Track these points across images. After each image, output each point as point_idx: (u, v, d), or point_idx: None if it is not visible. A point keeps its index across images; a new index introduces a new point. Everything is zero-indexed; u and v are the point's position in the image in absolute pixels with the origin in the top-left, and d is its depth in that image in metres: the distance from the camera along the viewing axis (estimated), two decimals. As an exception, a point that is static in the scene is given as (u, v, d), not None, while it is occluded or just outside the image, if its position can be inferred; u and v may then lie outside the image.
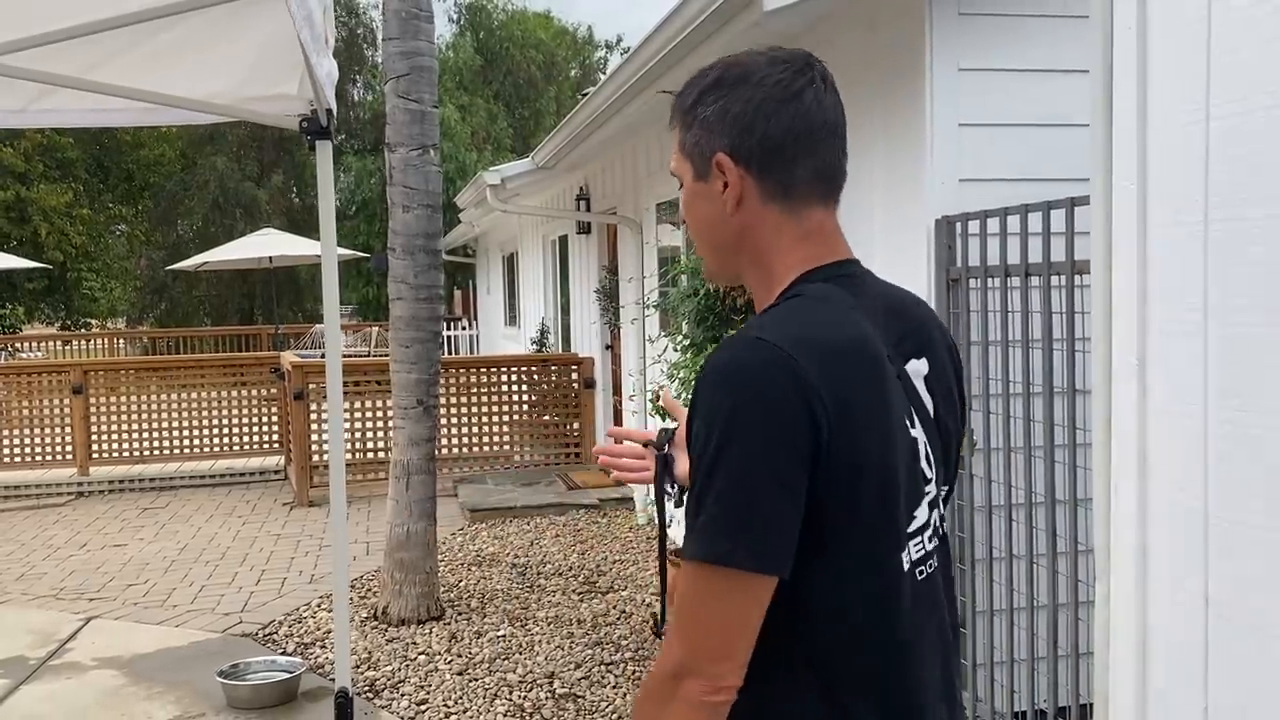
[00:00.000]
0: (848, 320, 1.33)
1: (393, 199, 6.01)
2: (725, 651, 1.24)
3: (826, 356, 1.26)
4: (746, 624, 1.24)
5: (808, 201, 1.38)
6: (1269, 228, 2.00)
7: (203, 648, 5.73)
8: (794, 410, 1.22)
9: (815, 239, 1.39)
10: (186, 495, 10.25)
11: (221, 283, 26.98)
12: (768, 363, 1.23)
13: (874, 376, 1.30)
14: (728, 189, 1.37)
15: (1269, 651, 2.02)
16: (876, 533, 1.30)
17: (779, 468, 1.21)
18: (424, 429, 6.09)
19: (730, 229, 1.40)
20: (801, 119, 1.35)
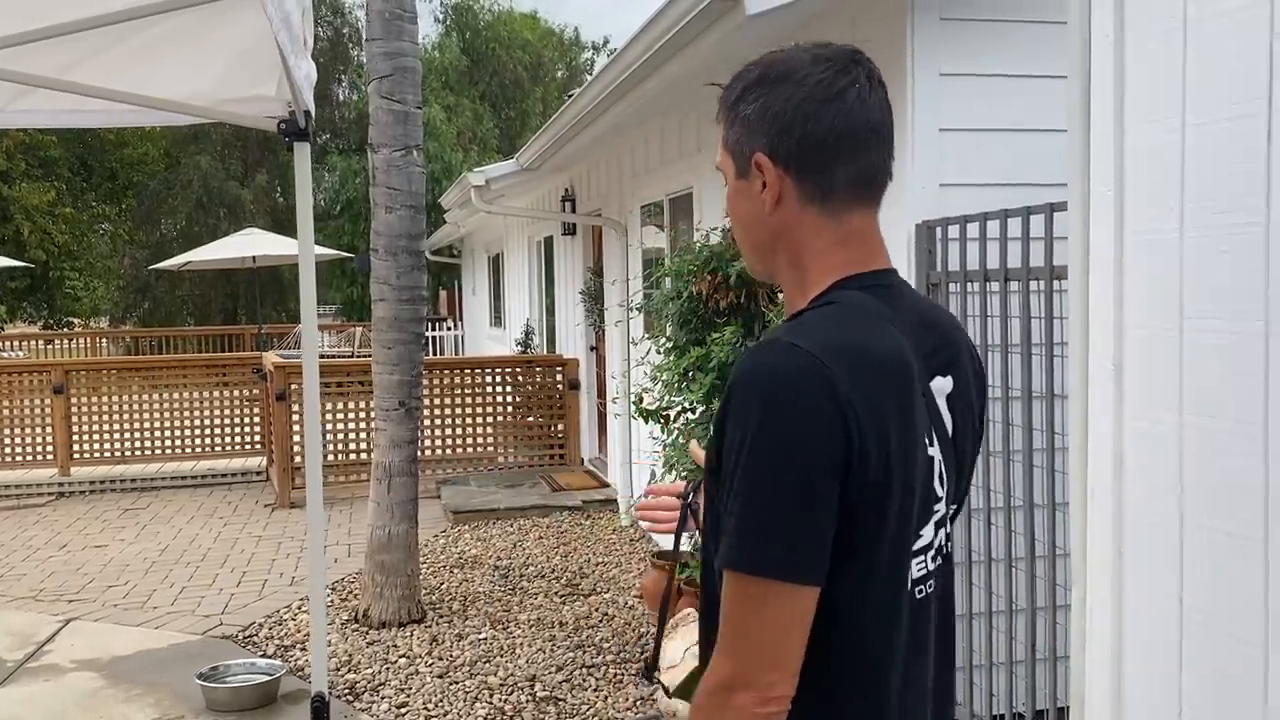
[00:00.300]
0: (882, 331, 1.31)
1: (375, 200, 5.99)
2: (774, 661, 1.22)
3: (859, 366, 1.24)
4: (792, 632, 1.23)
5: (847, 204, 1.36)
6: (1244, 235, 2.01)
7: (182, 650, 5.70)
8: (827, 418, 1.20)
9: (854, 244, 1.37)
10: (168, 496, 10.20)
11: (205, 282, 26.87)
12: (801, 370, 1.22)
13: (903, 390, 1.29)
14: (766, 189, 1.36)
15: (1242, 656, 2.03)
16: (896, 547, 1.29)
17: (812, 476, 1.20)
18: (406, 431, 6.07)
19: (768, 228, 1.38)
20: (843, 119, 1.32)
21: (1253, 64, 1.98)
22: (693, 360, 5.16)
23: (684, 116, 6.84)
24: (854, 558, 1.25)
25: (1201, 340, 2.12)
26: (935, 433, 1.35)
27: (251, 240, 16.97)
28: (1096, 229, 2.41)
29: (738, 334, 4.99)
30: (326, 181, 25.50)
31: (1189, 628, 2.17)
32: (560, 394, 10.36)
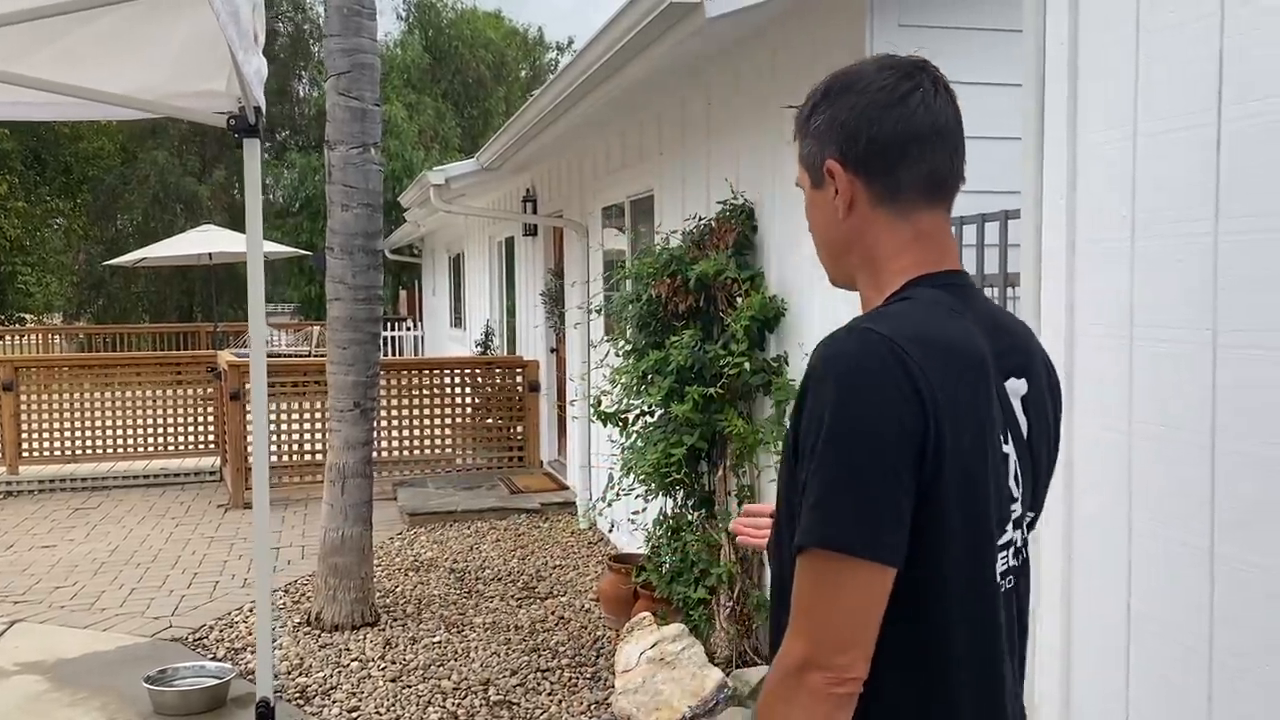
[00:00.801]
0: (956, 324, 1.34)
1: (331, 197, 5.92)
2: (849, 641, 1.23)
3: (935, 353, 1.26)
4: (868, 612, 1.23)
5: (916, 205, 1.39)
6: (1194, 245, 2.02)
7: (130, 652, 5.60)
8: (906, 401, 1.22)
9: (926, 243, 1.40)
10: (119, 496, 10.04)
11: (160, 279, 26.51)
12: (880, 355, 1.24)
13: (978, 381, 1.31)
14: (838, 195, 1.41)
15: (1189, 664, 2.04)
16: (975, 534, 1.30)
17: (891, 457, 1.22)
18: (361, 432, 6.01)
19: (842, 233, 1.43)
20: (906, 123, 1.36)
21: (1203, 74, 1.99)
22: (651, 363, 5.15)
23: (645, 119, 6.82)
24: (930, 540, 1.25)
25: (1151, 349, 2.13)
26: (1010, 432, 1.37)
27: (208, 237, 16.76)
28: (1049, 236, 2.42)
29: (696, 337, 4.99)
30: (285, 178, 25.26)
31: (1137, 635, 2.18)
32: (520, 396, 10.31)
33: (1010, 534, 1.37)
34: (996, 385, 1.35)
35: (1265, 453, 1.85)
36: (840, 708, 1.24)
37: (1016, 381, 1.40)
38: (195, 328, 22.39)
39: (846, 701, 1.24)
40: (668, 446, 5.02)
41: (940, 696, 1.31)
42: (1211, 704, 1.97)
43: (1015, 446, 1.37)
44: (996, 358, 1.37)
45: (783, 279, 4.88)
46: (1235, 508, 1.92)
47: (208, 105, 3.02)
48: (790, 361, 4.81)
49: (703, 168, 5.83)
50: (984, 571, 1.32)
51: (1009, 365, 1.39)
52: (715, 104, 5.66)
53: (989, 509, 1.31)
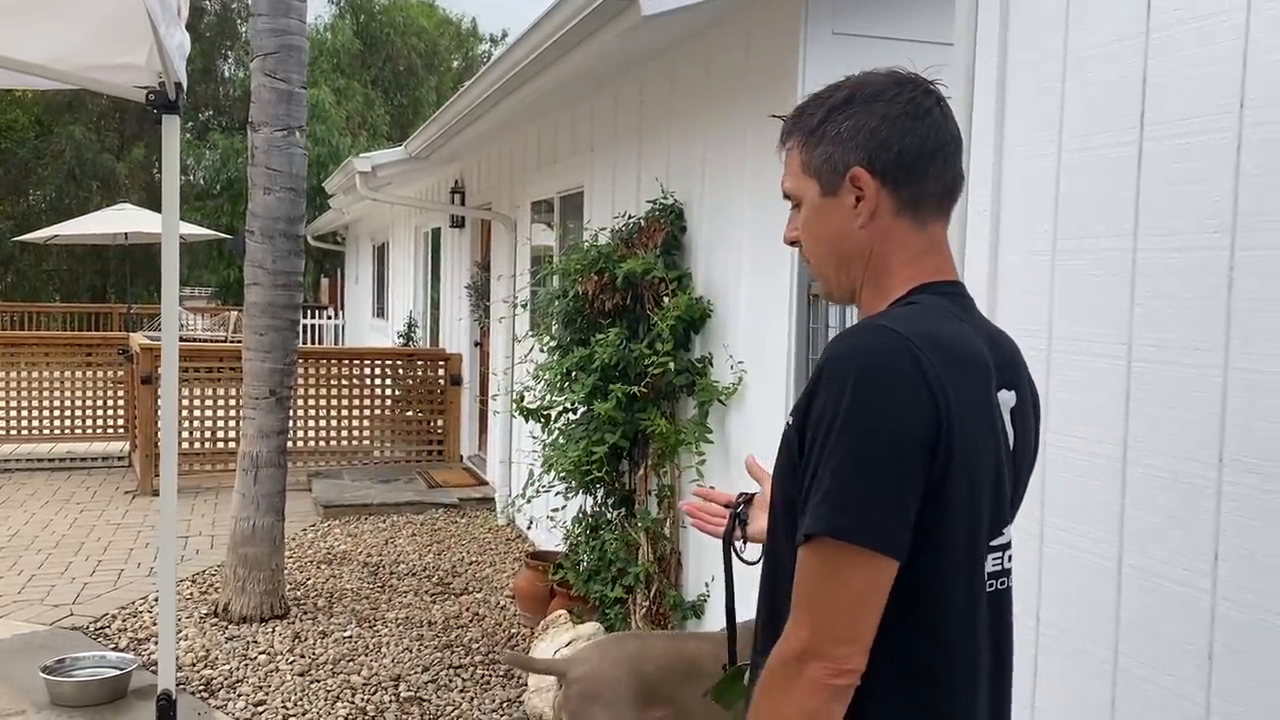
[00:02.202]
0: (962, 329, 1.36)
1: (254, 180, 5.80)
2: (850, 632, 1.24)
3: (946, 355, 1.29)
4: (869, 604, 1.24)
5: (933, 215, 1.43)
6: (1112, 261, 2.06)
7: (28, 640, 5.42)
8: (920, 399, 1.24)
9: (934, 254, 1.43)
10: (22, 479, 9.71)
11: (73, 258, 25.76)
12: (895, 350, 1.26)
13: (982, 384, 1.34)
14: (861, 203, 1.40)
15: (1087, 670, 2.08)
16: (972, 534, 1.32)
17: (902, 449, 1.24)
18: (276, 420, 5.89)
19: (857, 242, 1.42)
20: (934, 134, 1.40)
21: (1126, 94, 2.03)
22: (576, 360, 5.13)
23: (577, 114, 6.79)
24: (934, 538, 1.27)
25: (1067, 360, 2.17)
26: (1001, 441, 1.39)
27: (124, 216, 16.30)
28: (972, 247, 2.45)
29: (622, 335, 4.97)
30: (207, 159, 24.74)
31: (1044, 642, 2.22)
32: (442, 389, 10.21)
33: (1006, 537, 1.40)
34: (995, 395, 1.38)
35: (1177, 467, 1.90)
36: (836, 699, 1.25)
37: (1007, 394, 1.42)
38: (108, 308, 21.80)
39: (843, 693, 1.25)
40: (589, 444, 5.00)
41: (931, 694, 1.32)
42: (1115, 708, 2.02)
43: (1005, 455, 1.40)
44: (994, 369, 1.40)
45: (710, 280, 4.89)
46: (1146, 519, 1.96)
47: (127, 79, 2.92)
48: (715, 363, 4.82)
49: (634, 166, 5.82)
50: (977, 573, 1.34)
51: (1001, 377, 1.42)
52: (649, 103, 5.65)
53: (985, 509, 1.34)
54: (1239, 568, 1.79)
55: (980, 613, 1.35)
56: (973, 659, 1.35)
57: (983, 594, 1.35)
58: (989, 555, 1.36)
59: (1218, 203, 1.84)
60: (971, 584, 1.33)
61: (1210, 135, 1.86)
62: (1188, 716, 1.88)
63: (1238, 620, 1.80)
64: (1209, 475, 1.84)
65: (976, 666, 1.36)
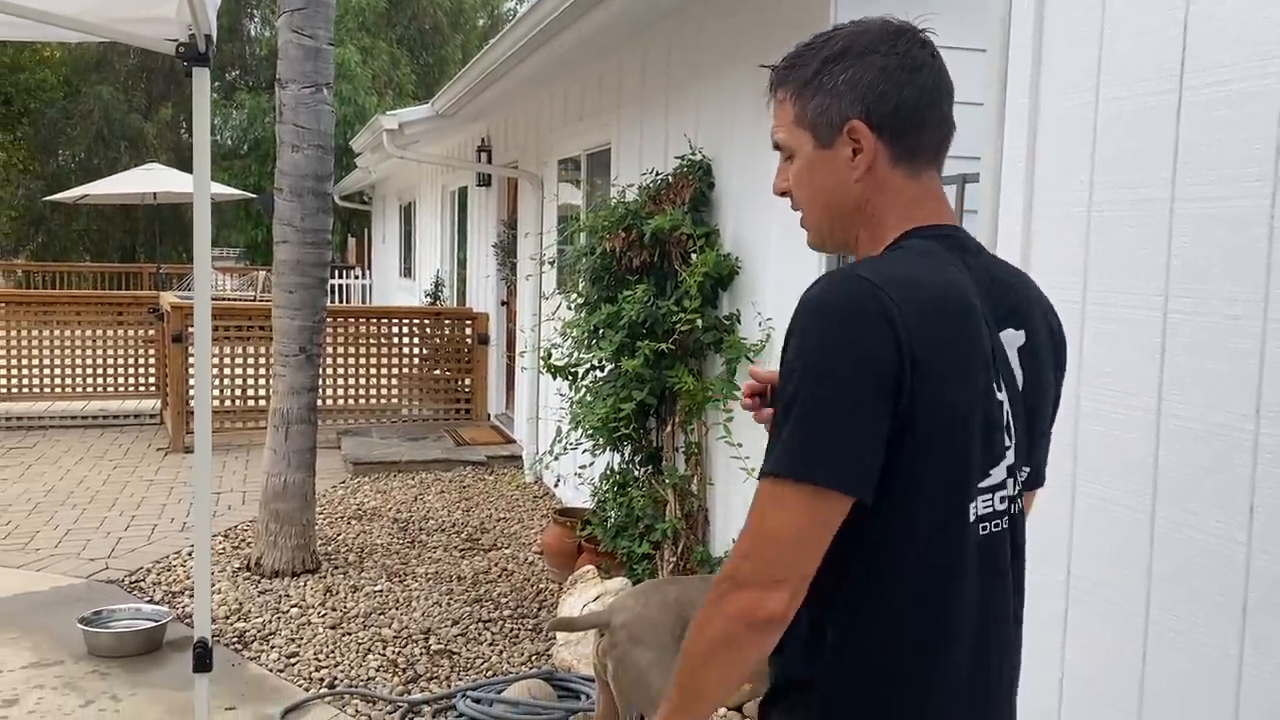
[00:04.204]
0: (944, 270, 1.35)
1: (282, 138, 5.80)
2: (782, 570, 1.26)
3: (917, 296, 1.29)
4: (811, 545, 1.26)
5: (926, 165, 1.43)
6: (1149, 211, 2.03)
7: (65, 593, 5.51)
8: (881, 340, 1.25)
9: (928, 202, 1.43)
10: (56, 436, 9.84)
11: (103, 217, 25.89)
12: (860, 294, 1.28)
13: (963, 325, 1.32)
14: (858, 155, 1.40)
15: (1119, 624, 2.07)
16: (952, 475, 1.31)
17: (861, 393, 1.25)
18: (306, 377, 5.93)
19: (852, 194, 1.42)
20: (930, 86, 1.40)
21: (1166, 42, 1.99)
22: (603, 317, 5.12)
23: (605, 71, 6.75)
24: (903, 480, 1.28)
25: (1103, 313, 2.15)
26: (1004, 382, 1.38)
27: (153, 175, 16.37)
28: (1007, 199, 2.42)
29: (649, 292, 4.96)
30: (234, 119, 24.73)
31: (1074, 595, 2.21)
32: (469, 348, 10.24)
33: (1000, 477, 1.37)
34: (991, 334, 1.37)
35: (1212, 419, 1.88)
36: (757, 630, 1.27)
37: (1014, 333, 1.41)
38: (138, 268, 21.96)
39: (765, 626, 1.27)
40: (617, 401, 5.00)
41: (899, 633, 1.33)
42: (1145, 661, 2.01)
43: (1009, 396, 1.38)
44: (994, 307, 1.39)
45: (738, 237, 4.87)
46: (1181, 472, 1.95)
47: (156, 31, 2.92)
48: (743, 320, 4.81)
49: (661, 122, 5.78)
50: (959, 513, 1.33)
51: (1005, 316, 1.41)
52: (676, 58, 5.60)
53: (971, 450, 1.32)
54: (1275, 520, 1.78)
55: (963, 556, 1.34)
56: (948, 604, 1.34)
57: (968, 537, 1.34)
58: (979, 498, 1.35)
59: (1258, 152, 1.81)
60: (951, 527, 1.32)
61: (1251, 83, 1.82)
62: (1221, 671, 1.87)
63: (1273, 574, 1.78)
64: (1246, 427, 1.82)
65: (955, 613, 1.34)
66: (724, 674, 1.32)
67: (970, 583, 1.35)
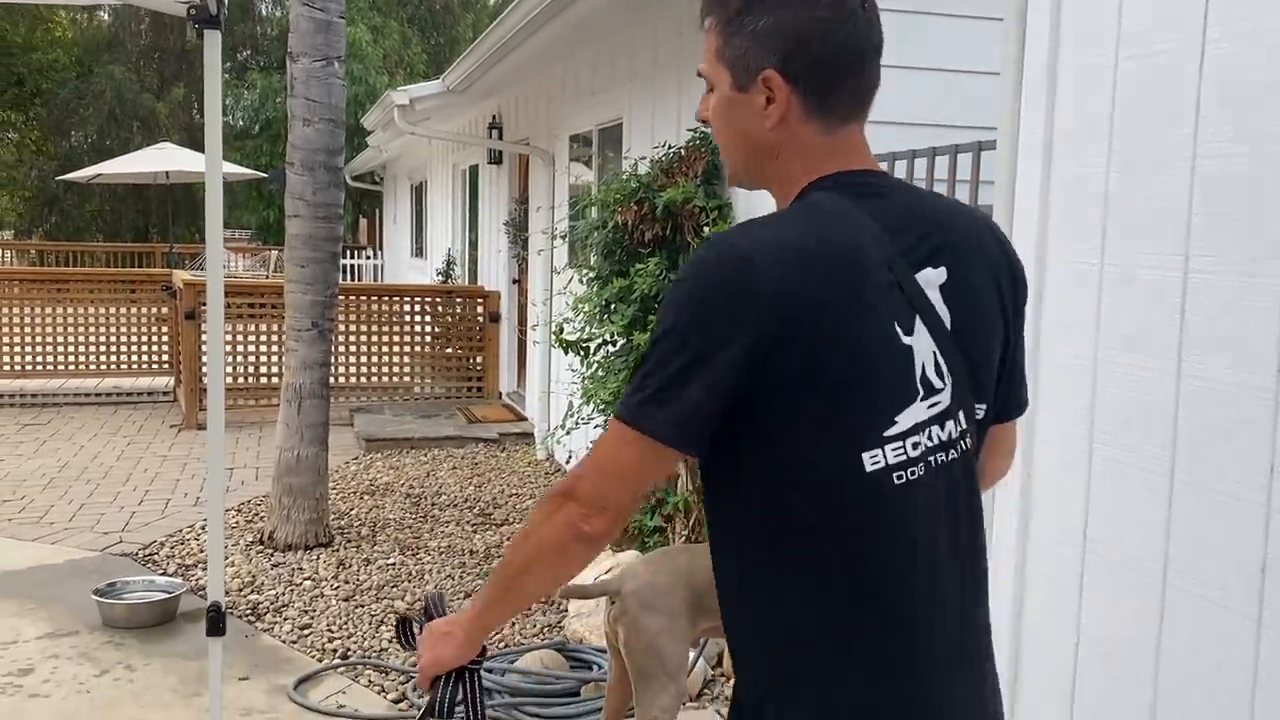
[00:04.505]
0: (831, 225, 1.33)
1: (293, 111, 5.78)
2: (609, 498, 1.35)
3: (788, 256, 1.29)
4: (635, 480, 1.36)
5: (844, 119, 1.40)
6: (1168, 171, 2.01)
7: (79, 566, 5.54)
8: (735, 305, 1.27)
9: (840, 152, 1.41)
10: (70, 413, 9.89)
11: (115, 198, 25.96)
12: (722, 259, 1.30)
13: (845, 278, 1.30)
14: (771, 105, 1.38)
15: (1136, 586, 2.06)
16: (834, 426, 1.30)
17: (705, 348, 1.28)
18: (318, 352, 5.93)
19: (765, 143, 1.41)
20: (852, 40, 1.37)
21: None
22: (615, 291, 5.11)
23: (616, 45, 6.71)
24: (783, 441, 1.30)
25: (1120, 275, 2.13)
26: (924, 324, 1.35)
27: (165, 155, 16.41)
28: (1025, 164, 2.40)
29: (662, 265, 4.94)
30: (246, 99, 24.72)
31: (1090, 559, 2.20)
32: (480, 326, 10.23)
33: (913, 420, 1.34)
34: (897, 278, 1.34)
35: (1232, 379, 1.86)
36: (580, 541, 1.36)
37: (933, 272, 1.38)
38: (150, 248, 22.00)
39: (587, 539, 1.36)
40: (629, 375, 4.99)
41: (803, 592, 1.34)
42: (1163, 623, 2.00)
43: (935, 338, 1.35)
44: (907, 250, 1.36)
45: (751, 209, 4.84)
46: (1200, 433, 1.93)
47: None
48: (755, 293, 4.78)
49: (674, 97, 5.75)
50: (853, 463, 1.31)
51: (921, 256, 1.37)
52: (688, 32, 5.56)
53: (863, 398, 1.31)
54: (1295, 480, 1.76)
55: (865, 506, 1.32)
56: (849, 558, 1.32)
57: (872, 486, 1.31)
58: (886, 446, 1.32)
59: None
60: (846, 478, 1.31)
61: (1275, 35, 1.80)
62: (1239, 632, 1.86)
63: (1292, 533, 1.77)
64: (1268, 386, 1.80)
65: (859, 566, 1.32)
66: (543, 577, 1.43)
67: (881, 534, 1.33)
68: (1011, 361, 1.50)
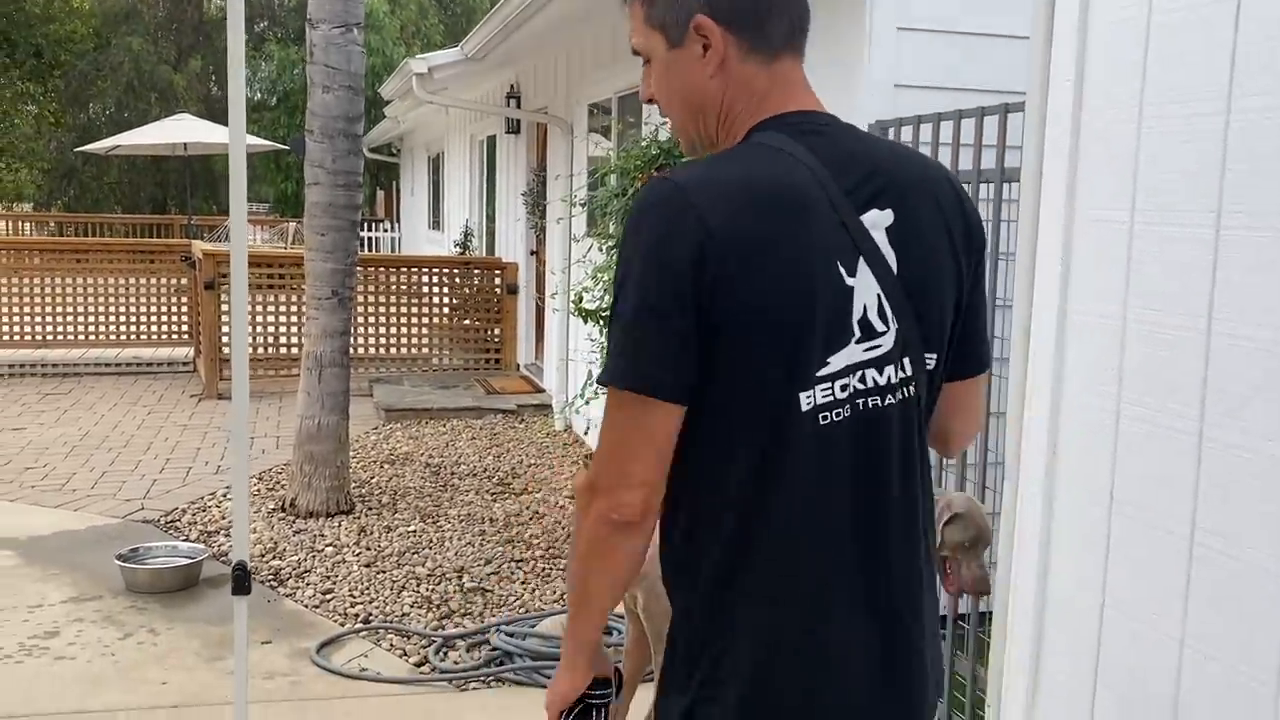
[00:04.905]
0: (773, 164, 1.33)
1: (312, 79, 5.77)
2: (622, 473, 1.31)
3: (730, 195, 1.29)
4: (645, 447, 1.30)
5: (780, 54, 1.40)
6: (1203, 127, 1.98)
7: (102, 532, 5.59)
8: (681, 247, 1.26)
9: (779, 90, 1.41)
10: (91, 383, 9.96)
11: (134, 170, 26.02)
12: (664, 200, 1.29)
13: (787, 217, 1.30)
14: (709, 51, 1.39)
15: (1163, 548, 2.05)
16: (768, 366, 1.30)
17: (664, 295, 1.27)
18: (338, 321, 5.94)
19: (710, 91, 1.41)
20: None
21: (1226, -51, 1.92)
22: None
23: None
24: (721, 376, 1.29)
25: (1151, 233, 2.10)
26: (868, 265, 1.33)
27: (183, 126, 16.41)
28: (1054, 121, 2.37)
29: (681, 233, 4.91)
30: (263, 71, 24.70)
31: (1117, 521, 2.19)
32: (498, 298, 10.24)
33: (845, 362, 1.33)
34: (842, 218, 1.33)
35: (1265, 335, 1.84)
36: (620, 532, 1.32)
37: (878, 213, 1.36)
38: (169, 220, 22.07)
39: (628, 529, 1.32)
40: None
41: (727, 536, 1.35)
42: (1190, 584, 1.99)
43: (880, 281, 1.34)
44: (850, 190, 1.35)
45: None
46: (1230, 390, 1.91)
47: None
48: (776, 260, 4.76)
49: (694, 63, 5.70)
50: (784, 404, 1.31)
51: (865, 197, 1.36)
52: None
53: (796, 339, 1.30)
54: (1328, 439, 1.74)
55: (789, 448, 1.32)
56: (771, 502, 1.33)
57: (796, 428, 1.31)
58: (817, 386, 1.32)
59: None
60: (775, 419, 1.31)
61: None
62: (1268, 591, 1.85)
63: (1325, 492, 1.75)
64: (1301, 344, 1.78)
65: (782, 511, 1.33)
66: (601, 578, 1.37)
67: (806, 478, 1.33)
68: (969, 314, 1.48)
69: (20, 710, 3.63)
